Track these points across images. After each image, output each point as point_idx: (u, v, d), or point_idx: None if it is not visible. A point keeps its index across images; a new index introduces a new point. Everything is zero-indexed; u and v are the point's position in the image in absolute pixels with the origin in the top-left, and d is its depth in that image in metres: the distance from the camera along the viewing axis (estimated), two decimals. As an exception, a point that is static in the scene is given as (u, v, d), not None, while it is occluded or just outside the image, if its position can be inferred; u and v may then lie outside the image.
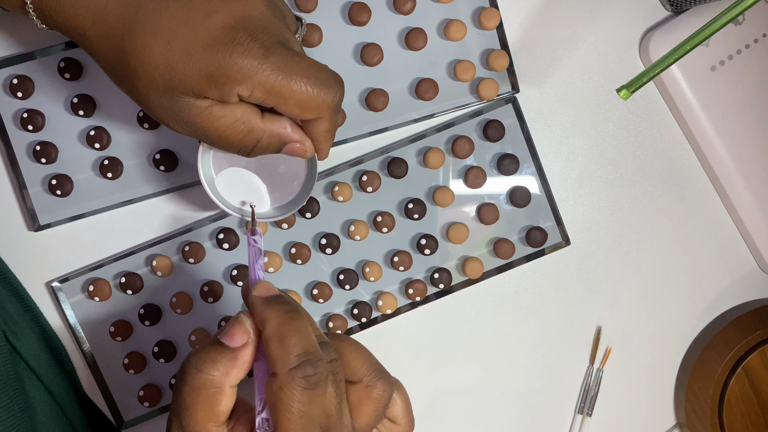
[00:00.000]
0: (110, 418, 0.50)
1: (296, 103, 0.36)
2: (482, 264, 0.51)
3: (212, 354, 0.33)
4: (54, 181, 0.47)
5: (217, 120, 0.37)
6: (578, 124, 0.53)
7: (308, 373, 0.32)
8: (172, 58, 0.35)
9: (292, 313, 0.33)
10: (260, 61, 0.35)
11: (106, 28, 0.35)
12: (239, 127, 0.38)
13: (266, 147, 0.39)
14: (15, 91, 0.46)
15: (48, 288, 0.49)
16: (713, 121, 0.52)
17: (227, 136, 0.38)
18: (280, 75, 0.35)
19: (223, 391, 0.33)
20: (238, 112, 0.37)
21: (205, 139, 0.38)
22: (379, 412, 0.36)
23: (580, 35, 0.52)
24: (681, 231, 0.55)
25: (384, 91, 0.49)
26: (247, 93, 0.36)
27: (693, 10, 0.51)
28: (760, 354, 0.53)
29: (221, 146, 0.39)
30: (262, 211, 0.44)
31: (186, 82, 0.35)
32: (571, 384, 0.55)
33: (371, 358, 0.36)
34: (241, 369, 0.34)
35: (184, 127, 0.38)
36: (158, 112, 0.37)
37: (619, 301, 0.54)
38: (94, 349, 0.49)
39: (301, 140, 0.40)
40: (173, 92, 0.36)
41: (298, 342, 0.32)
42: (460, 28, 0.49)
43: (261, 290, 0.35)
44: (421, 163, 0.50)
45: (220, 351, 0.33)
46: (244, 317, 0.34)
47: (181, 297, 0.49)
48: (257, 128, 0.38)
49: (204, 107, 0.37)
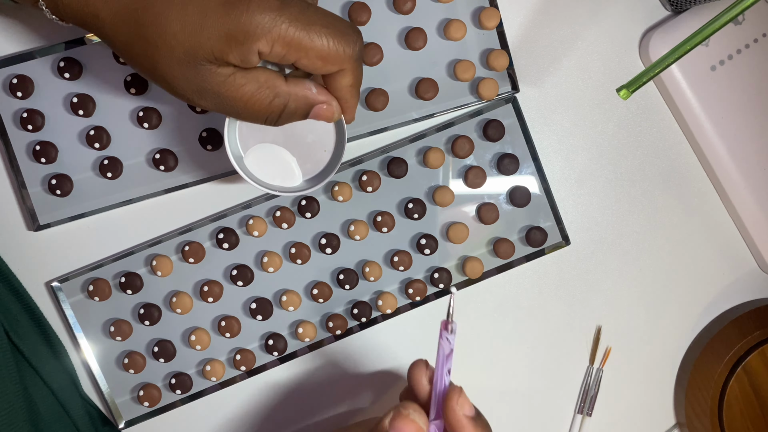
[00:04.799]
0: (110, 418, 0.50)
1: (318, 55, 0.36)
2: (482, 264, 0.51)
3: None
4: (54, 181, 0.47)
5: (241, 87, 0.36)
6: (578, 124, 0.53)
7: None
8: (188, 22, 0.34)
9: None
10: (277, 14, 0.34)
11: (118, 6, 0.35)
12: (264, 92, 0.37)
13: (293, 112, 0.39)
14: (15, 90, 0.46)
15: (48, 288, 0.49)
16: (713, 121, 0.52)
17: (253, 104, 0.37)
18: (299, 26, 0.35)
19: None
20: (261, 77, 0.37)
21: (232, 111, 0.38)
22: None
23: (580, 35, 0.52)
24: (681, 231, 0.55)
25: (384, 91, 0.49)
26: (267, 49, 0.35)
27: (693, 10, 0.51)
28: (760, 354, 0.53)
29: (248, 117, 0.38)
30: (294, 185, 0.43)
31: (205, 46, 0.34)
32: (571, 384, 0.55)
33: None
34: None
35: (210, 100, 0.37)
36: (182, 87, 0.36)
37: (619, 301, 0.54)
38: (94, 349, 0.49)
39: (328, 101, 0.39)
40: (194, 60, 0.35)
41: None
42: (460, 27, 0.49)
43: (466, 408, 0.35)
44: (421, 162, 0.50)
45: None
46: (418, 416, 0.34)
47: (181, 297, 0.49)
48: (283, 92, 0.37)
49: (227, 75, 0.36)
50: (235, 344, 0.50)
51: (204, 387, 0.51)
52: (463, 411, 0.34)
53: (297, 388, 0.52)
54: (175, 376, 0.50)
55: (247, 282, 0.49)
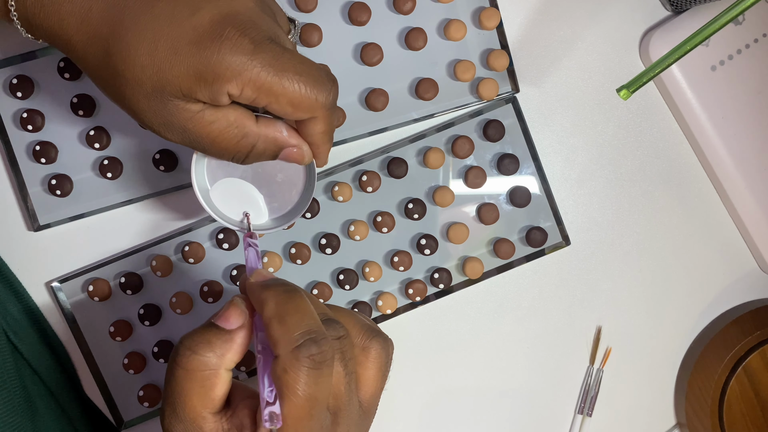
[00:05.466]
0: (110, 418, 0.50)
1: (288, 101, 0.35)
2: (482, 264, 0.51)
3: (207, 335, 0.32)
4: (54, 181, 0.47)
5: (209, 125, 0.36)
6: (578, 124, 0.53)
7: (312, 352, 0.30)
8: (158, 57, 0.33)
9: (290, 292, 0.32)
10: (250, 57, 0.33)
11: (90, 32, 0.34)
12: (233, 131, 0.36)
13: (262, 153, 0.38)
14: (15, 91, 0.46)
15: (48, 288, 0.49)
16: (713, 121, 0.52)
17: (220, 142, 0.36)
18: (271, 71, 0.34)
19: (218, 374, 0.32)
20: (231, 116, 0.36)
21: (198, 146, 0.37)
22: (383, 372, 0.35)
23: (580, 35, 0.52)
24: (681, 231, 0.55)
25: (384, 91, 0.49)
26: (237, 91, 0.34)
27: (693, 10, 0.51)
28: (760, 354, 0.53)
29: (215, 153, 0.37)
30: (260, 223, 0.42)
31: (174, 83, 0.34)
32: (571, 384, 0.55)
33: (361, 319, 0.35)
34: (236, 352, 0.33)
35: (176, 134, 0.36)
36: (148, 119, 0.36)
37: (619, 301, 0.54)
38: (94, 349, 0.49)
39: (298, 144, 0.38)
40: (162, 95, 0.34)
41: (299, 320, 0.31)
42: (460, 27, 0.49)
43: (258, 276, 0.34)
44: (421, 163, 0.50)
45: (216, 333, 0.32)
46: (239, 300, 0.34)
47: (181, 297, 0.49)
48: (252, 132, 0.37)
49: (195, 111, 0.35)
50: (235, 344, 0.50)
51: (204, 387, 0.51)
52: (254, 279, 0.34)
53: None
54: (175, 376, 0.50)
55: (247, 282, 0.49)
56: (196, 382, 0.32)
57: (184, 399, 0.32)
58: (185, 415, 0.32)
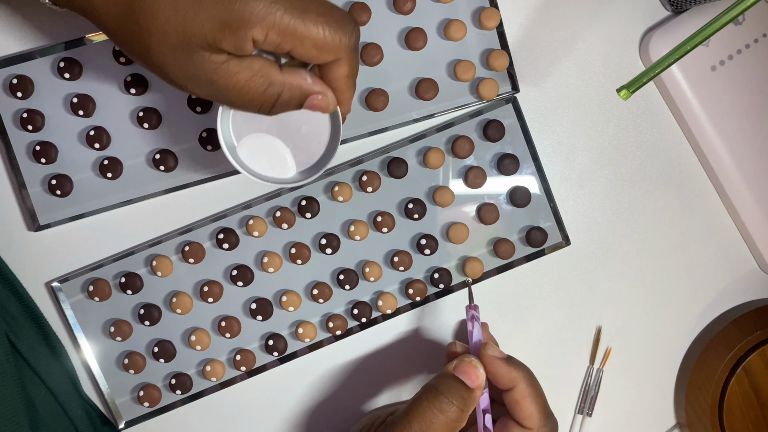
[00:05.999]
0: (110, 419, 0.50)
1: (313, 44, 0.35)
2: (482, 264, 0.51)
3: (461, 391, 0.40)
4: (54, 181, 0.47)
5: (234, 75, 0.36)
6: (578, 124, 0.53)
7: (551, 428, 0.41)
8: (181, 8, 0.34)
9: (533, 376, 0.42)
10: (272, 1, 0.34)
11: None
12: (258, 80, 0.36)
13: (287, 101, 0.38)
14: (15, 91, 0.46)
15: (48, 288, 0.49)
16: (713, 121, 0.52)
17: (247, 92, 0.37)
18: (294, 14, 0.34)
19: (460, 425, 0.39)
20: (255, 65, 0.36)
21: (225, 99, 0.37)
22: None
23: (580, 35, 0.52)
24: (681, 231, 0.55)
25: (384, 91, 0.49)
26: (262, 36, 0.34)
27: (693, 10, 0.51)
28: (760, 354, 0.53)
29: (241, 105, 0.37)
30: (288, 177, 0.42)
31: (199, 32, 0.34)
32: (571, 384, 0.55)
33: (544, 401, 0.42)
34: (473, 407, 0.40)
35: (203, 88, 0.36)
36: (174, 74, 0.36)
37: (619, 301, 0.54)
38: (94, 349, 0.49)
39: (323, 91, 0.38)
40: (187, 46, 0.34)
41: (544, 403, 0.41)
42: (460, 28, 0.49)
43: (495, 351, 0.42)
44: (421, 163, 0.50)
45: (465, 389, 0.40)
46: (477, 363, 0.41)
47: (181, 297, 0.49)
48: (277, 81, 0.37)
49: (220, 62, 0.35)
50: (235, 344, 0.50)
51: (204, 387, 0.51)
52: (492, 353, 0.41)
53: (297, 389, 0.52)
54: (175, 377, 0.50)
55: (247, 282, 0.49)
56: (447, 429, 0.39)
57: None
58: None
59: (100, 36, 0.47)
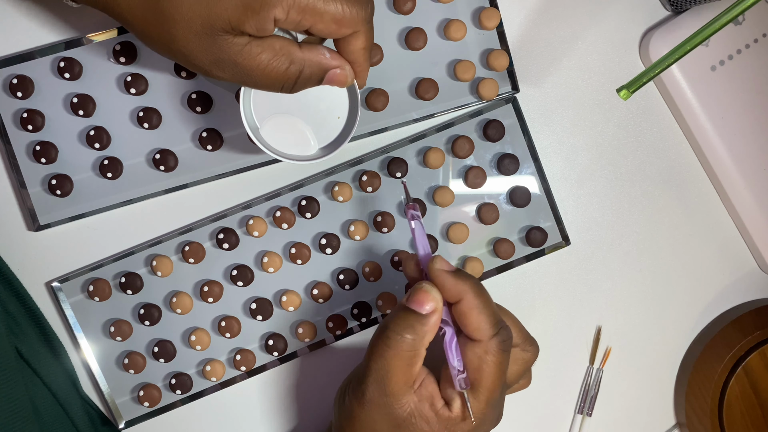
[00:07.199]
0: (110, 419, 0.50)
1: (332, 18, 0.37)
2: (482, 264, 0.51)
3: (409, 320, 0.38)
4: (54, 181, 0.47)
5: (257, 56, 0.37)
6: (578, 124, 0.53)
7: (504, 338, 0.39)
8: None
9: (481, 285, 0.40)
10: None
11: None
12: (280, 59, 0.38)
13: (309, 78, 0.39)
14: (15, 91, 0.46)
15: (48, 288, 0.49)
16: (713, 121, 0.52)
17: (270, 72, 0.38)
18: None
19: (419, 353, 0.39)
20: (276, 44, 0.37)
21: (249, 80, 0.38)
22: (526, 371, 0.43)
23: (580, 35, 0.52)
24: (681, 231, 0.55)
25: (384, 91, 0.49)
26: (283, 15, 0.36)
27: (693, 10, 0.51)
28: (760, 354, 0.53)
29: (264, 85, 0.39)
30: (310, 154, 0.44)
31: (223, 16, 0.35)
32: (571, 384, 0.55)
33: (523, 326, 0.43)
34: (432, 332, 0.39)
35: (227, 71, 0.38)
36: (199, 59, 0.37)
37: (619, 301, 0.54)
38: (94, 349, 0.49)
39: (341, 65, 0.40)
40: (211, 31, 0.36)
41: (493, 311, 0.39)
42: (460, 28, 0.49)
43: (443, 264, 0.40)
44: (421, 163, 0.50)
45: (416, 318, 0.39)
46: (429, 287, 0.39)
47: (181, 297, 0.49)
48: (297, 59, 0.38)
49: (243, 44, 0.37)
50: (235, 344, 0.50)
51: (204, 387, 0.51)
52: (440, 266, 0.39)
53: (297, 388, 0.52)
54: (175, 376, 0.50)
55: (247, 282, 0.49)
56: (403, 361, 0.38)
57: (391, 375, 0.38)
58: (389, 388, 0.38)
59: (100, 36, 0.47)
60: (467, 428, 0.40)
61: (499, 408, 0.42)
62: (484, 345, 0.39)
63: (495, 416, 0.41)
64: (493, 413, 0.41)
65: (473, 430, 0.40)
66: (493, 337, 0.38)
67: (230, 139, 0.49)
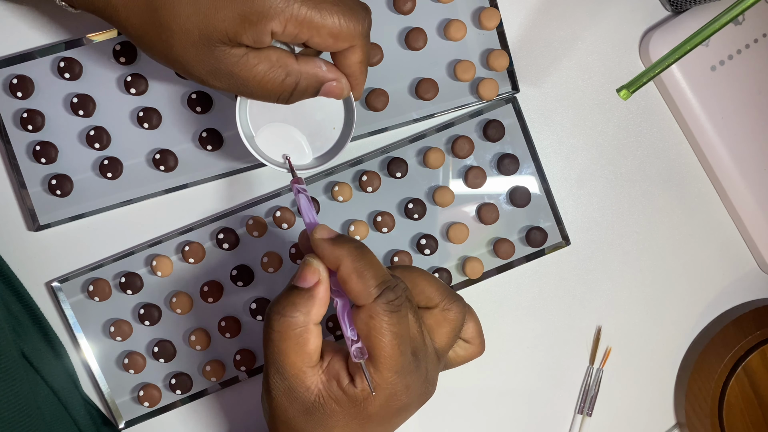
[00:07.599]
0: (110, 418, 0.50)
1: (329, 33, 0.37)
2: (482, 264, 0.51)
3: (291, 297, 0.36)
4: (54, 181, 0.47)
5: (254, 67, 0.37)
6: (578, 124, 0.53)
7: (390, 298, 0.35)
8: (202, 4, 0.35)
9: (361, 249, 0.37)
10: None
11: None
12: (276, 71, 0.38)
13: (305, 90, 0.40)
14: (15, 91, 0.46)
15: (48, 288, 0.49)
16: (713, 121, 0.52)
17: (266, 83, 0.38)
18: (310, 5, 0.36)
19: (308, 329, 0.36)
20: (273, 56, 0.38)
21: (245, 91, 0.39)
22: (456, 332, 0.40)
23: (580, 35, 0.52)
24: (681, 231, 0.55)
25: (384, 91, 0.49)
26: (280, 29, 0.36)
27: (693, 10, 0.51)
28: (760, 354, 0.53)
29: (261, 96, 0.39)
30: (305, 163, 0.44)
31: (220, 27, 0.35)
32: (571, 384, 0.55)
33: (442, 284, 0.40)
34: (320, 306, 0.37)
35: (223, 81, 0.38)
36: (196, 69, 0.37)
37: (619, 301, 0.54)
38: (94, 349, 0.49)
39: (338, 78, 0.40)
40: (209, 42, 0.36)
41: (374, 273, 0.36)
42: (460, 28, 0.49)
43: (323, 233, 0.37)
44: (421, 163, 0.50)
45: (297, 293, 0.36)
46: (311, 259, 0.37)
47: (181, 297, 0.49)
48: (294, 71, 0.38)
49: (240, 55, 0.37)
50: (235, 344, 0.50)
51: (204, 387, 0.51)
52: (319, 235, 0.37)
53: (297, 388, 0.52)
54: (175, 376, 0.50)
55: (247, 282, 0.49)
56: (291, 341, 0.36)
57: (284, 358, 0.36)
58: (287, 372, 0.36)
59: (100, 36, 0.47)
60: (378, 403, 0.36)
61: (416, 376, 0.37)
62: (367, 309, 0.35)
63: (412, 386, 0.37)
64: (404, 382, 0.36)
65: (385, 404, 0.37)
66: (376, 299, 0.35)
67: (230, 139, 0.49)
